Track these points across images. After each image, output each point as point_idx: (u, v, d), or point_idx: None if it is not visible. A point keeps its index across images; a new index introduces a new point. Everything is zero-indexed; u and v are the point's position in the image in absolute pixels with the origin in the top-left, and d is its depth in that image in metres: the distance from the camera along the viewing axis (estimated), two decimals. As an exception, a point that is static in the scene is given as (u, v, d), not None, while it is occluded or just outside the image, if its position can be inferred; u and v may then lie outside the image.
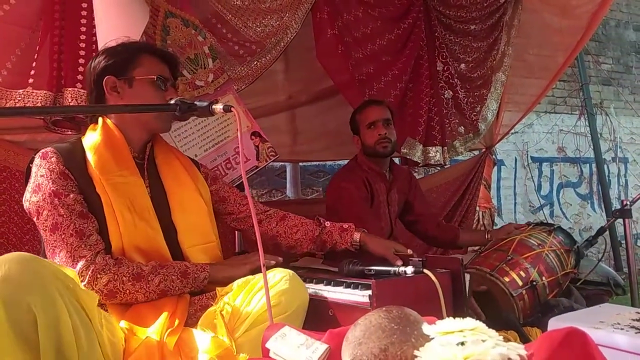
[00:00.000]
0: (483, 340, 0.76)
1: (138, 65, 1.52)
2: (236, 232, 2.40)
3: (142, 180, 1.51)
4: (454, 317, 0.84)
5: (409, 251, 1.75)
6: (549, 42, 3.22)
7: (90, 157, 1.45)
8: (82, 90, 1.90)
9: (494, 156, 3.61)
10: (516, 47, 3.19)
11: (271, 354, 0.92)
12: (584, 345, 0.80)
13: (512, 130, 3.74)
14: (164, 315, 1.31)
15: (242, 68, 2.35)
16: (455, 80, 3.00)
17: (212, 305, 1.40)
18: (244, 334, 1.30)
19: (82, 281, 1.31)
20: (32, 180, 1.42)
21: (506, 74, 3.16)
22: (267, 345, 0.93)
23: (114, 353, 1.20)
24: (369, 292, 1.52)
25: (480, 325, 0.81)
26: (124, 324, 1.30)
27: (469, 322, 0.80)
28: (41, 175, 1.40)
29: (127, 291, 1.35)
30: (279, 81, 3.00)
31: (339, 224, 1.82)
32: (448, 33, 3.00)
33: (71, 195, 1.39)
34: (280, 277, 1.37)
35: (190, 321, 1.38)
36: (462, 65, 3.04)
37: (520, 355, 0.77)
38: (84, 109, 1.68)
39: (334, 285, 1.65)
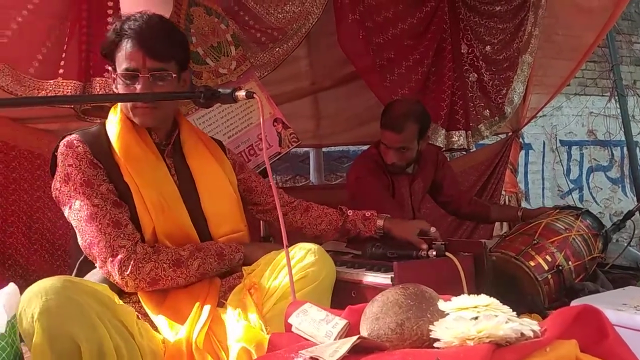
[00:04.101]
0: (496, 316, 0.78)
1: (116, 56, 1.45)
2: (261, 219, 2.44)
3: (166, 166, 1.50)
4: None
5: (432, 229, 1.75)
6: (577, 22, 3.14)
7: (114, 143, 1.44)
8: (110, 80, 1.95)
9: (520, 140, 3.56)
10: (543, 28, 3.11)
11: (293, 329, 0.95)
12: (598, 322, 0.81)
13: (540, 113, 3.69)
14: (194, 308, 1.31)
15: (264, 55, 2.37)
16: (480, 62, 2.95)
17: (239, 284, 1.43)
18: (272, 307, 1.32)
19: (124, 271, 1.31)
20: (59, 169, 1.41)
21: (533, 56, 3.09)
22: (290, 320, 0.96)
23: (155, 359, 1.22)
24: (391, 274, 1.55)
25: (494, 301, 0.83)
26: (161, 319, 1.31)
27: (483, 299, 0.82)
28: (69, 165, 1.38)
29: (169, 277, 1.36)
30: (302, 67, 3.01)
31: (361, 212, 1.83)
32: (472, 15, 2.95)
33: (103, 185, 1.38)
34: (305, 252, 1.39)
35: (220, 302, 1.41)
36: (488, 47, 2.99)
37: (533, 331, 0.78)
38: (104, 98, 1.71)
39: (357, 268, 1.68)
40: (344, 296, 1.57)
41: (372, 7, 2.60)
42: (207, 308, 1.32)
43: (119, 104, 1.52)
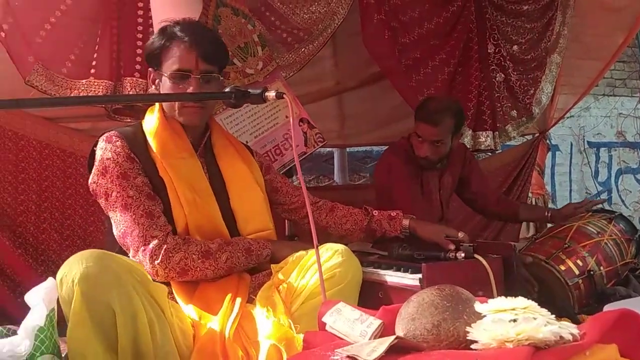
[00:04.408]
0: (535, 319, 0.77)
1: (165, 57, 1.51)
2: (286, 218, 2.45)
3: (199, 163, 1.54)
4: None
5: (460, 234, 1.73)
6: (605, 22, 3.07)
7: (151, 140, 1.49)
8: (141, 80, 1.99)
9: (548, 141, 3.51)
10: (572, 28, 3.06)
11: (327, 328, 0.95)
12: (638, 327, 0.79)
13: (568, 114, 3.62)
14: (226, 301, 1.34)
15: (290, 55, 2.38)
16: (508, 62, 2.91)
17: (267, 281, 1.44)
18: (300, 306, 1.34)
19: (155, 260, 1.35)
20: (97, 162, 1.46)
21: (562, 56, 3.04)
22: (323, 319, 0.96)
23: (184, 340, 1.26)
24: (419, 275, 1.54)
25: (532, 304, 0.82)
26: (192, 309, 1.34)
27: (521, 301, 0.81)
28: (107, 158, 1.44)
29: (198, 268, 1.39)
30: (327, 67, 3.01)
31: (386, 212, 1.82)
32: (499, 14, 2.92)
33: (139, 178, 1.43)
34: (332, 252, 1.40)
35: (249, 297, 1.43)
36: (515, 47, 2.94)
37: (572, 334, 0.77)
38: (134, 98, 1.74)
39: (384, 268, 1.67)
40: (371, 297, 1.57)
41: (397, 7, 2.59)
42: (238, 301, 1.35)
43: (156, 104, 1.58)
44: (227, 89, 1.37)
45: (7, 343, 1.15)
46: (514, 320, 0.77)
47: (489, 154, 3.29)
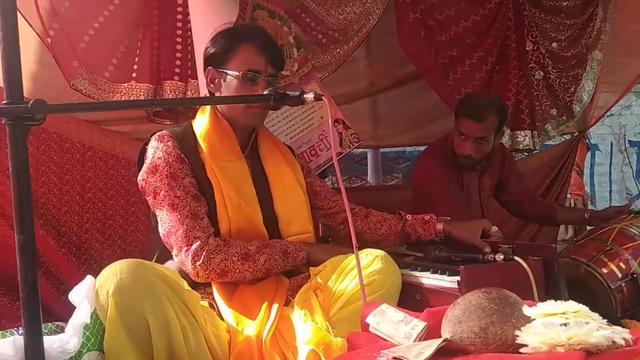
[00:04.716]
0: (587, 323, 0.75)
1: (233, 57, 1.54)
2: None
3: (246, 166, 1.57)
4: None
5: (494, 228, 1.71)
6: (649, 17, 2.98)
7: (201, 141, 1.52)
8: (180, 83, 2.03)
9: (587, 140, 3.42)
10: (613, 23, 2.98)
11: (370, 329, 0.95)
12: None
13: (608, 113, 3.52)
14: (263, 307, 1.35)
15: (325, 56, 2.39)
16: (547, 60, 2.85)
17: (305, 284, 1.45)
18: (339, 311, 1.34)
19: (196, 261, 1.38)
20: (148, 161, 1.49)
21: (603, 52, 2.96)
22: (367, 320, 0.96)
23: (220, 346, 1.28)
24: (457, 277, 1.51)
25: (583, 308, 0.80)
26: (230, 313, 1.35)
27: (572, 305, 0.79)
28: (158, 157, 1.47)
29: (237, 270, 1.41)
30: (361, 68, 3.01)
31: (420, 215, 1.80)
32: (538, 11, 2.86)
33: (187, 179, 1.47)
34: (372, 258, 1.40)
35: (287, 299, 1.44)
36: (554, 44, 2.88)
37: (624, 339, 0.75)
38: (172, 102, 1.77)
39: (421, 270, 1.65)
40: (408, 298, 1.55)
41: (433, 6, 2.57)
42: (275, 307, 1.35)
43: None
44: (265, 92, 1.39)
45: (57, 339, 1.19)
46: (565, 324, 0.76)
47: (525, 154, 3.22)
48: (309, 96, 1.33)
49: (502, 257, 1.60)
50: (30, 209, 0.88)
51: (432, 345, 0.79)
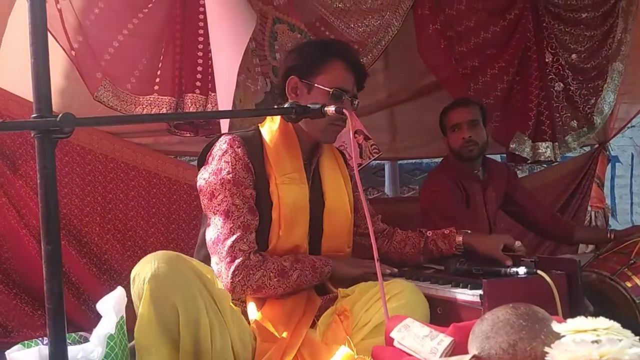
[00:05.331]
0: (620, 340, 0.73)
1: (323, 71, 1.53)
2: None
3: (307, 185, 1.55)
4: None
5: (518, 243, 1.69)
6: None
7: (268, 150, 1.50)
8: (201, 96, 2.05)
9: (607, 152, 3.37)
10: (634, 34, 2.95)
11: (395, 344, 0.94)
12: None
13: (629, 124, 3.47)
14: (291, 327, 1.35)
15: (344, 69, 2.40)
16: (567, 71, 2.83)
17: (331, 305, 1.45)
18: (360, 342, 1.31)
19: (236, 277, 1.37)
20: (214, 162, 1.47)
21: (624, 63, 2.93)
22: (391, 335, 0.95)
23: (243, 351, 1.28)
24: (480, 291, 1.49)
25: (614, 324, 0.78)
26: (257, 324, 1.36)
27: (603, 321, 0.77)
28: (225, 161, 1.45)
29: (272, 287, 1.41)
30: (379, 80, 3.01)
31: (440, 230, 1.79)
32: (557, 22, 2.84)
33: (249, 190, 1.45)
34: (400, 290, 1.39)
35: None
36: (574, 56, 2.86)
37: (662, 358, 0.73)
38: (195, 115, 1.78)
39: (441, 284, 1.63)
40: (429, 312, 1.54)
41: (452, 17, 2.57)
42: (301, 331, 1.36)
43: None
44: (286, 105, 1.39)
45: (81, 349, 1.20)
46: (596, 342, 0.74)
47: (545, 165, 3.19)
48: (330, 109, 1.34)
49: (524, 270, 1.58)
50: (57, 220, 0.89)
51: (461, 361, 0.78)
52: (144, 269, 1.19)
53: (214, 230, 1.43)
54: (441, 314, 1.57)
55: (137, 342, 1.20)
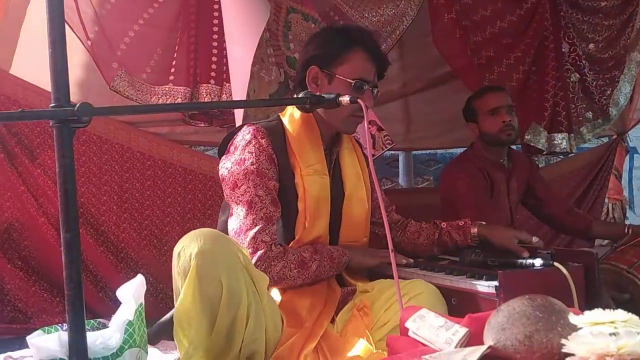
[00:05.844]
0: (638, 333, 0.73)
1: (344, 61, 1.50)
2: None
3: (328, 176, 1.54)
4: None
5: (534, 239, 1.67)
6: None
7: (290, 139, 1.50)
8: (215, 86, 2.06)
9: (626, 143, 3.32)
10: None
11: (410, 334, 0.94)
12: None
13: (648, 115, 3.40)
14: (312, 319, 1.36)
15: (359, 58, 2.39)
16: (583, 61, 2.79)
17: (350, 300, 1.46)
18: (379, 342, 1.31)
19: (259, 267, 1.37)
20: (238, 152, 1.46)
21: (643, 53, 2.88)
22: (407, 325, 0.95)
23: (274, 332, 1.29)
24: (495, 282, 1.48)
25: (633, 317, 0.77)
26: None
27: (621, 314, 0.77)
28: (249, 152, 1.44)
29: (292, 277, 1.42)
30: (394, 69, 2.97)
31: (454, 222, 1.77)
32: (575, 11, 2.79)
33: (272, 181, 1.45)
34: (419, 292, 1.38)
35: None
36: (591, 45, 2.81)
37: (681, 351, 0.72)
38: (210, 105, 1.79)
39: (456, 275, 1.62)
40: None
41: (468, 6, 2.54)
42: (322, 323, 1.37)
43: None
44: (300, 94, 1.38)
45: (100, 335, 1.21)
46: (614, 334, 0.74)
47: (561, 157, 3.15)
48: (345, 99, 1.33)
49: (540, 262, 1.56)
50: (76, 208, 0.90)
51: (476, 352, 0.78)
52: (190, 245, 1.19)
53: (236, 220, 1.43)
54: (456, 305, 1.57)
55: (178, 313, 1.21)
